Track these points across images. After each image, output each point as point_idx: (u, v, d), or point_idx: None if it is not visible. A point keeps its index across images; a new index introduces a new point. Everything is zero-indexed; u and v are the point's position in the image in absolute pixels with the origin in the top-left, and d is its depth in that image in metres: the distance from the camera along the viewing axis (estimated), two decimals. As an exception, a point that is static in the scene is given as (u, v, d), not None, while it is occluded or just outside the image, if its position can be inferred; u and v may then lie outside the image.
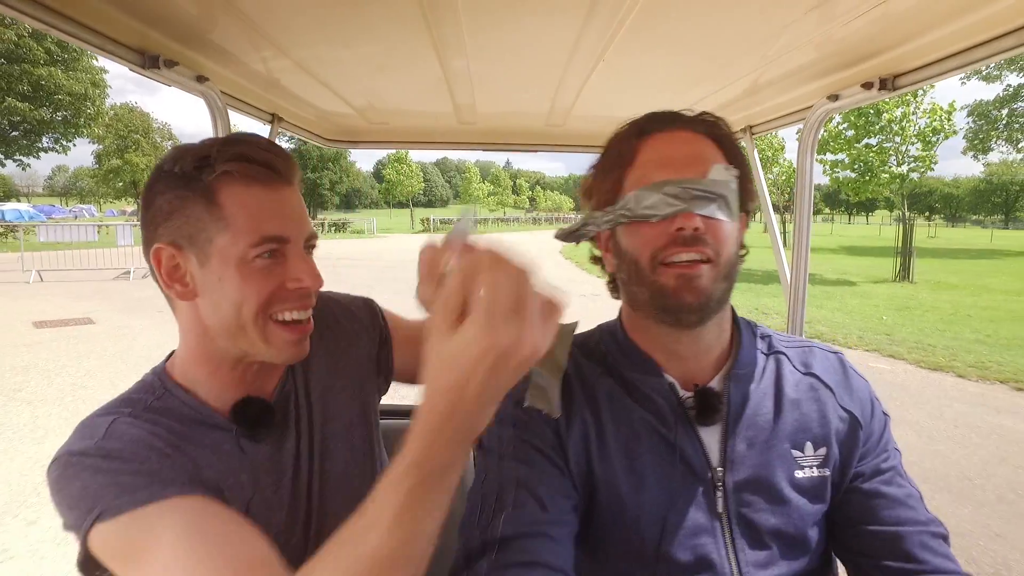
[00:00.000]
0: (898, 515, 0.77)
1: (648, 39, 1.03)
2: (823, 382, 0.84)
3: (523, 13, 0.92)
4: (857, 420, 0.82)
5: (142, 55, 1.01)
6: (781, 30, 0.95)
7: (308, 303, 0.81)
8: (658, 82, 1.34)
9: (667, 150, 0.77)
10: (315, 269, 0.81)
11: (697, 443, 0.78)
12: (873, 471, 0.81)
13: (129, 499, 0.67)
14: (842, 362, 0.89)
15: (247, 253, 0.75)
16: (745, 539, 0.76)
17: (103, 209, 74.08)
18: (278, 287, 0.77)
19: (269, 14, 0.93)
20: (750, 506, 0.77)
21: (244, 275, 0.75)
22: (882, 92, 1.13)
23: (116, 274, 13.19)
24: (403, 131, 1.99)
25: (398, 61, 1.20)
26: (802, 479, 0.79)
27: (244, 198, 0.75)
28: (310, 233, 0.82)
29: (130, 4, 0.87)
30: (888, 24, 0.91)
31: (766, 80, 1.28)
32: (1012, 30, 0.84)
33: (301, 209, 0.81)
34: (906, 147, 15.64)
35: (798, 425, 0.80)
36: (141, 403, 0.80)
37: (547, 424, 0.79)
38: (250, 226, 0.75)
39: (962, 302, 11.40)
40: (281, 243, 0.77)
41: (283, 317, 0.79)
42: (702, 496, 0.77)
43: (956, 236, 50.80)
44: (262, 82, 1.37)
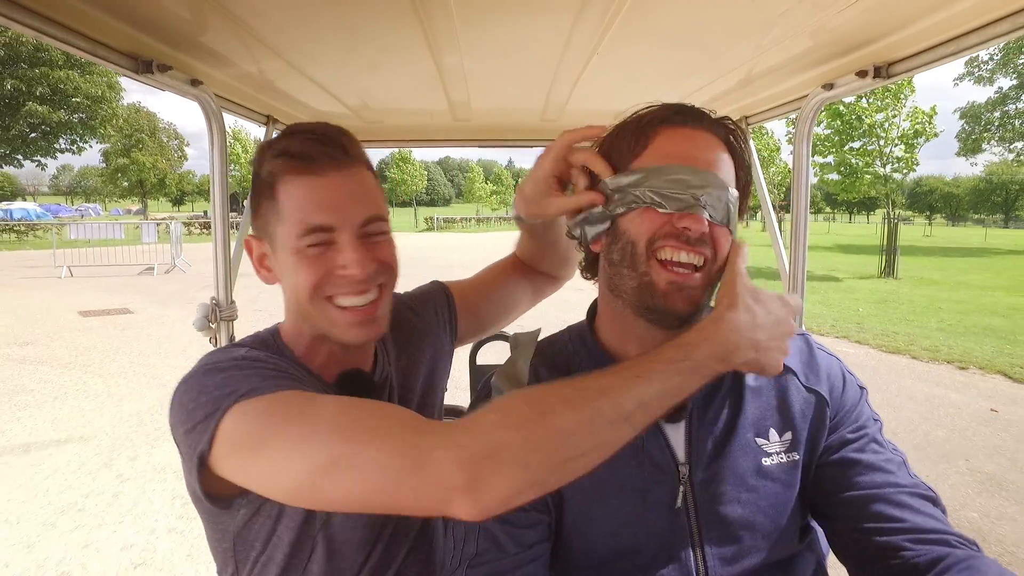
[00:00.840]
0: (872, 479, 0.76)
1: (641, 32, 1.03)
2: (784, 366, 0.81)
3: (516, 8, 0.92)
4: (824, 398, 0.82)
5: (135, 60, 1.02)
6: (775, 19, 0.95)
7: (362, 288, 0.80)
8: (653, 74, 1.34)
9: (688, 146, 0.75)
10: (364, 256, 0.79)
11: (663, 441, 0.78)
12: (841, 442, 0.80)
13: (274, 384, 0.71)
14: (808, 342, 0.89)
15: (297, 243, 0.78)
16: (713, 531, 0.77)
17: (108, 208, 74.85)
18: (326, 274, 0.79)
19: (261, 16, 0.94)
20: (717, 499, 0.77)
21: (296, 262, 0.78)
22: (877, 80, 1.12)
23: (140, 270, 14.00)
24: (398, 129, 1.99)
25: (391, 59, 1.19)
26: (770, 466, 0.78)
27: (292, 189, 0.78)
28: (367, 217, 0.80)
29: (122, 10, 0.87)
30: (882, 12, 0.90)
31: (761, 70, 1.27)
32: (1006, 15, 0.83)
33: (355, 194, 0.80)
34: (889, 149, 16.35)
35: (760, 413, 0.81)
36: (264, 345, 0.87)
37: None
38: (296, 217, 0.77)
39: (938, 296, 12.09)
40: (328, 231, 0.78)
41: (341, 303, 0.80)
42: (669, 494, 0.77)
43: (952, 235, 51.30)
44: (256, 84, 1.37)
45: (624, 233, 0.76)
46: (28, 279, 12.52)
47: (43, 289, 11.11)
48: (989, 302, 11.41)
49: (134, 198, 60.89)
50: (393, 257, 0.85)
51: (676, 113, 0.77)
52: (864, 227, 77.47)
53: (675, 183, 0.72)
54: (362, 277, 0.79)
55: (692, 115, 0.77)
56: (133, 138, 50.70)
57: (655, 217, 0.73)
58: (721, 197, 0.73)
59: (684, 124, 0.76)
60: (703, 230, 0.72)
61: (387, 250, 0.84)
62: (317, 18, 0.95)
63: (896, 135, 16.13)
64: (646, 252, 0.74)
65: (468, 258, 19.59)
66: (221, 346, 1.27)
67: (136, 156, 51.22)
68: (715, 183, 0.73)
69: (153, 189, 57.92)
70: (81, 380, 5.46)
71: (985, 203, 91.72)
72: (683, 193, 0.71)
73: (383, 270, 0.83)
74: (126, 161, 51.55)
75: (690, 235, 0.72)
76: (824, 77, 1.24)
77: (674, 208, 0.72)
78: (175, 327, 8.15)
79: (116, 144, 49.79)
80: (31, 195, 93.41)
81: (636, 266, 0.74)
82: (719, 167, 0.75)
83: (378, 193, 0.85)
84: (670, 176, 0.72)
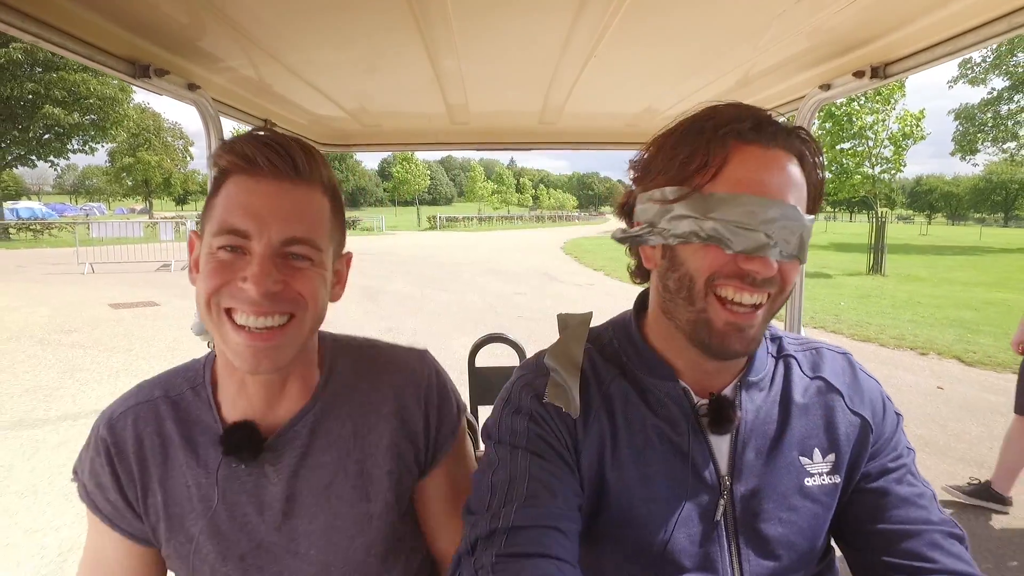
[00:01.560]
0: (907, 514, 0.75)
1: (639, 33, 1.02)
2: (832, 386, 0.81)
3: (513, 11, 0.92)
4: (868, 423, 0.80)
5: (133, 65, 1.01)
6: (772, 20, 0.95)
7: (259, 309, 0.71)
8: (650, 76, 1.33)
9: (761, 171, 0.68)
10: (269, 275, 0.71)
11: (708, 451, 0.77)
12: (880, 470, 0.78)
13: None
14: (851, 363, 0.86)
15: (211, 241, 0.73)
16: (751, 548, 0.75)
17: (112, 207, 75.54)
18: (227, 282, 0.72)
19: (258, 20, 0.93)
20: (758, 515, 0.75)
21: (206, 265, 0.73)
22: (874, 80, 1.12)
23: (157, 266, 14.68)
24: (396, 133, 1.98)
25: (389, 63, 1.19)
26: (812, 487, 0.77)
27: (229, 189, 0.73)
28: (290, 237, 0.72)
29: (119, 14, 0.87)
30: (878, 12, 0.90)
31: (758, 71, 1.26)
32: (1003, 15, 0.83)
33: (284, 209, 0.73)
34: (878, 150, 16.96)
35: (806, 432, 0.78)
36: (183, 374, 0.88)
37: (563, 422, 0.78)
38: (219, 215, 0.73)
39: (919, 292, 12.68)
40: (243, 237, 0.71)
41: (237, 319, 0.73)
42: (709, 504, 0.75)
43: (949, 233, 51.86)
44: (253, 88, 1.36)
45: (682, 264, 0.72)
46: (53, 275, 13.17)
47: (70, 284, 11.76)
48: (967, 297, 11.93)
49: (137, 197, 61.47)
50: (310, 289, 0.75)
51: (751, 128, 0.69)
52: (863, 226, 77.85)
53: (744, 218, 0.66)
54: (258, 295, 0.70)
55: (766, 130, 0.69)
56: (140, 138, 51.31)
57: (719, 255, 0.68)
58: (795, 230, 0.68)
59: (757, 141, 0.69)
60: (770, 274, 0.67)
61: (304, 279, 0.75)
62: (314, 22, 0.95)
63: (885, 137, 16.74)
64: (705, 288, 0.70)
65: (472, 256, 20.25)
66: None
67: (142, 156, 51.86)
68: (789, 215, 0.67)
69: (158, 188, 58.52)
70: (127, 361, 6.12)
71: (985, 202, 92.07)
72: (753, 230, 0.66)
73: (291, 298, 0.74)
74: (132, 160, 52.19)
75: (756, 278, 0.68)
76: (821, 78, 1.25)
77: (741, 248, 0.67)
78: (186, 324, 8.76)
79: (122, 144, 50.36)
80: (35, 194, 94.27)
81: (693, 301, 0.71)
82: (792, 191, 0.69)
83: (320, 218, 0.77)
84: (739, 209, 0.66)
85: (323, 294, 0.79)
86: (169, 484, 0.81)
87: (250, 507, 0.81)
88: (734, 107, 0.72)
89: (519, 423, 0.78)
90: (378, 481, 0.86)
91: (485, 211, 71.18)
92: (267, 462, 0.82)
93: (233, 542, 0.81)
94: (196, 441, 0.82)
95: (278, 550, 0.82)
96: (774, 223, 0.67)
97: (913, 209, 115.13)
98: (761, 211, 0.66)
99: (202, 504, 0.80)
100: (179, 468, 0.81)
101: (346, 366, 0.91)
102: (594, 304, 1.76)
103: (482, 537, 0.70)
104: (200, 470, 0.81)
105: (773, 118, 0.72)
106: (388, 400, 0.89)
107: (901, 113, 16.71)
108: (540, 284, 12.80)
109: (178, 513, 0.81)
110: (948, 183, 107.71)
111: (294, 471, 0.83)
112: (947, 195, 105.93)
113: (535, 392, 0.80)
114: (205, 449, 0.82)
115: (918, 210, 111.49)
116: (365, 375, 0.91)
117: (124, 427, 0.82)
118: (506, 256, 20.40)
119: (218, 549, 0.80)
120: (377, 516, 0.85)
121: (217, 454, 0.81)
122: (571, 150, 2.10)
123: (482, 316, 8.97)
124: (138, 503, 0.81)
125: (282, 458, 0.82)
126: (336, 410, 0.87)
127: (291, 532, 0.82)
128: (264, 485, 0.82)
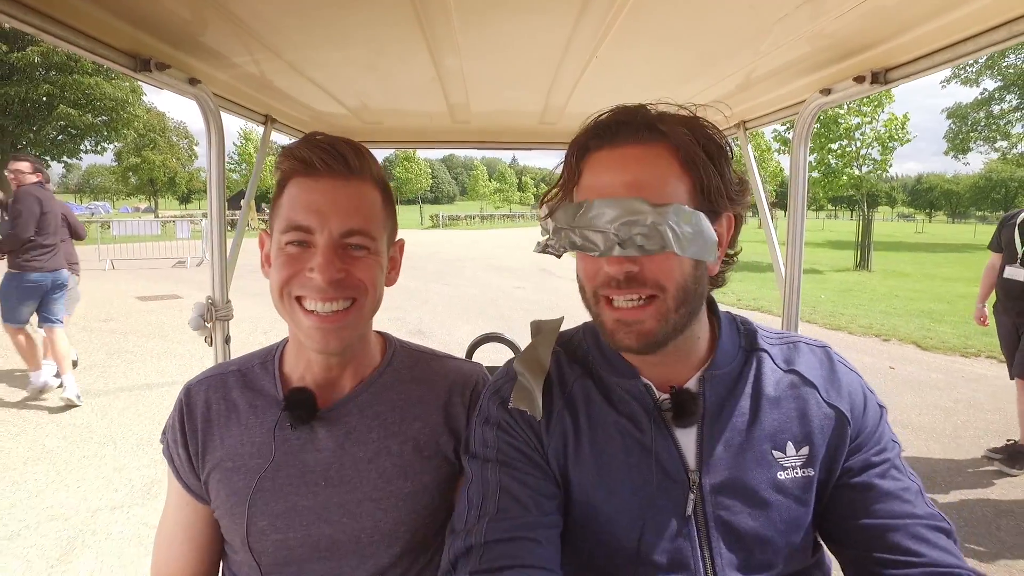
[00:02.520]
0: (891, 508, 0.74)
1: (640, 36, 1.03)
2: (806, 379, 0.81)
3: (516, 11, 0.92)
4: (844, 416, 0.79)
5: (134, 58, 1.02)
6: (773, 25, 0.95)
7: (326, 295, 0.80)
8: (651, 78, 1.34)
9: (605, 175, 0.72)
10: (333, 264, 0.79)
11: (672, 446, 0.77)
12: (863, 465, 0.78)
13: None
14: (828, 356, 0.86)
15: (280, 238, 0.81)
16: (724, 544, 0.74)
17: (117, 206, 76.23)
18: (296, 273, 0.81)
19: (260, 16, 0.94)
20: (728, 509, 0.75)
21: (277, 259, 0.82)
22: (874, 86, 1.12)
23: (173, 263, 15.36)
24: (398, 131, 2.00)
25: (390, 61, 1.20)
26: (785, 480, 0.76)
27: (291, 189, 0.82)
28: (349, 229, 0.81)
29: (121, 8, 0.88)
30: (879, 18, 0.91)
31: (759, 75, 1.27)
32: (1003, 23, 0.83)
33: (341, 204, 0.81)
34: (865, 151, 17.59)
35: (778, 425, 0.78)
36: (259, 357, 0.98)
37: (529, 426, 0.80)
38: (285, 214, 0.81)
39: (900, 286, 13.26)
40: (307, 232, 0.80)
41: (307, 305, 0.82)
42: (678, 499, 0.75)
43: (946, 231, 52.36)
44: (254, 83, 1.36)
45: (579, 275, 0.77)
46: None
47: (94, 279, 12.41)
48: (944, 291, 12.44)
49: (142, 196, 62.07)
50: (369, 276, 0.84)
51: (597, 134, 0.73)
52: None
53: (594, 222, 0.69)
54: (325, 283, 0.79)
55: (609, 131, 0.72)
56: (147, 137, 51.91)
57: (591, 262, 0.74)
58: (644, 222, 0.68)
59: (602, 146, 0.73)
60: (625, 271, 0.70)
61: (363, 267, 0.83)
62: (316, 19, 0.95)
63: (871, 139, 17.38)
64: (594, 298, 0.75)
65: (474, 252, 20.93)
66: (215, 346, 1.45)
67: (147, 155, 52.55)
68: (633, 209, 0.68)
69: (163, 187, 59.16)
70: (164, 345, 6.81)
71: (985, 200, 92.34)
72: (602, 231, 0.69)
73: (353, 285, 0.82)
74: (138, 160, 52.87)
75: (618, 279, 0.70)
76: (822, 82, 1.25)
77: (599, 251, 0.70)
78: (223, 309, 9.45)
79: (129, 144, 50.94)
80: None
81: (590, 307, 0.77)
82: (646, 184, 0.69)
83: (373, 210, 0.85)
84: (590, 213, 0.70)
85: (380, 279, 0.88)
86: (228, 442, 0.90)
87: (295, 470, 0.88)
88: (600, 115, 0.75)
89: (488, 434, 0.82)
90: (418, 464, 0.92)
91: (487, 210, 71.75)
92: (318, 429, 0.90)
93: (272, 501, 0.87)
94: (257, 405, 0.92)
95: (311, 516, 0.88)
96: (618, 221, 0.68)
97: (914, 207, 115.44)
98: (603, 212, 0.69)
99: (254, 461, 0.89)
100: (239, 428, 0.91)
101: (403, 362, 1.00)
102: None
103: (460, 555, 0.72)
104: (257, 429, 0.90)
105: (635, 115, 0.72)
106: (436, 395, 0.98)
107: (888, 117, 17.33)
108: (538, 279, 13.48)
109: (230, 468, 0.89)
110: (948, 181, 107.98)
111: (340, 443, 0.90)
112: (947, 193, 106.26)
113: (501, 399, 0.83)
114: (264, 412, 0.91)
115: (919, 208, 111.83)
116: (419, 372, 1.00)
117: (198, 392, 0.95)
118: (507, 253, 21.04)
119: (259, 506, 0.88)
120: (412, 495, 0.91)
121: (275, 416, 0.90)
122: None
123: (483, 308, 9.63)
124: (197, 458, 0.92)
125: (331, 429, 0.90)
126: (387, 395, 0.95)
127: (327, 499, 0.88)
128: (311, 451, 0.89)
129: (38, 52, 22.58)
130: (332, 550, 0.88)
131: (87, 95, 25.07)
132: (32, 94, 23.51)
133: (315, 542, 0.87)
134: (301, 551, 0.87)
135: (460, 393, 0.99)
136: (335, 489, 0.88)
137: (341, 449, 0.90)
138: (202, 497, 0.93)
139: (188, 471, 0.92)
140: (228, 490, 0.88)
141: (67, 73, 23.95)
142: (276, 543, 0.87)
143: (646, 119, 0.73)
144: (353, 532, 0.88)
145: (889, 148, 17.40)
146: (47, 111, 24.76)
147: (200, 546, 0.95)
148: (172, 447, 0.94)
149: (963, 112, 33.80)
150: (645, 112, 0.74)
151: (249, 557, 0.88)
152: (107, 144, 29.96)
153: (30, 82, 23.49)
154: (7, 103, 23.62)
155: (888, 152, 17.46)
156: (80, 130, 26.68)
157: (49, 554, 2.81)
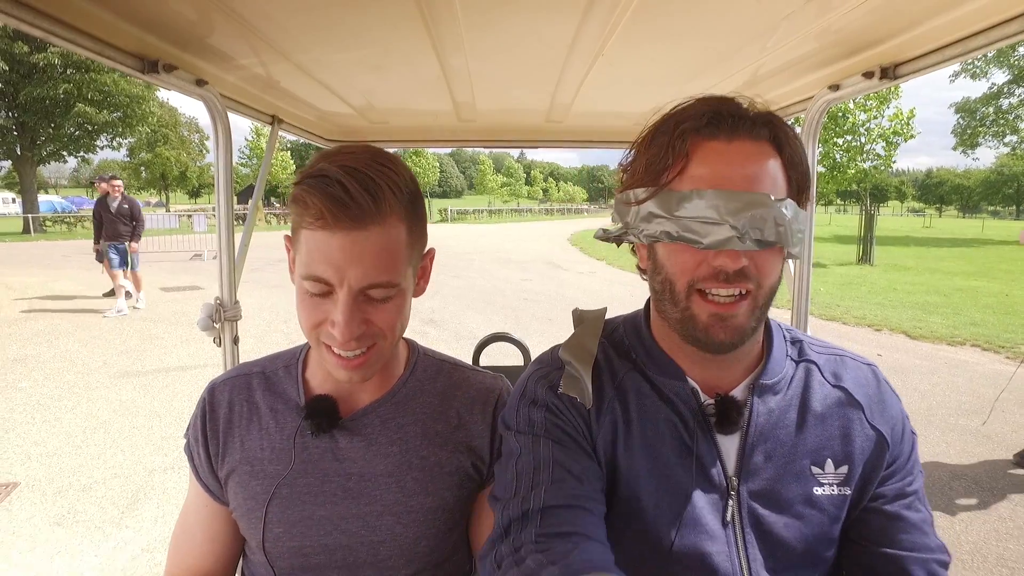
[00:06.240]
0: (913, 540, 0.76)
1: (647, 33, 1.03)
2: (853, 397, 0.81)
3: (521, 10, 0.92)
4: (885, 440, 0.79)
5: (141, 60, 1.03)
6: (780, 20, 0.95)
7: (348, 346, 0.79)
8: (658, 76, 1.34)
9: (724, 167, 0.69)
10: (354, 319, 0.78)
11: (715, 451, 0.77)
12: (897, 494, 0.79)
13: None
14: (876, 375, 0.85)
15: (302, 282, 0.79)
16: (758, 547, 0.75)
17: (129, 201, 76.86)
18: (320, 322, 0.79)
19: (266, 17, 0.94)
20: (764, 520, 0.76)
21: (300, 297, 0.80)
22: (883, 81, 1.11)
23: (190, 256, 15.85)
24: (403, 130, 2.00)
25: (396, 60, 1.20)
26: (821, 496, 0.77)
27: (307, 237, 0.77)
28: (369, 284, 0.77)
29: (128, 10, 0.88)
30: (888, 13, 0.90)
31: (767, 71, 1.26)
32: (1014, 16, 0.82)
33: (362, 257, 0.76)
34: (871, 146, 17.77)
35: (820, 442, 0.78)
36: (284, 359, 0.98)
37: (579, 412, 0.80)
38: (305, 258, 0.78)
39: (900, 279, 13.47)
40: (325, 284, 0.77)
41: (332, 347, 0.81)
42: (717, 502, 0.76)
43: (954, 226, 51.99)
44: (261, 84, 1.38)
45: (663, 267, 0.75)
46: (99, 264, 14.35)
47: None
48: (942, 285, 12.63)
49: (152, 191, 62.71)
50: (390, 322, 0.82)
51: (708, 124, 0.71)
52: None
53: (708, 213, 0.68)
54: (345, 339, 0.78)
55: (725, 123, 0.71)
56: (159, 133, 52.49)
57: (691, 255, 0.71)
58: (766, 216, 0.67)
59: (716, 136, 0.71)
60: (741, 266, 0.68)
61: (385, 314, 0.81)
62: (323, 19, 0.96)
63: (877, 134, 17.54)
64: (686, 290, 0.72)
65: (482, 246, 21.31)
66: (223, 346, 1.46)
67: (160, 151, 53.16)
68: (757, 203, 0.67)
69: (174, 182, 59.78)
70: (192, 332, 7.25)
71: (996, 195, 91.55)
72: (718, 224, 0.68)
73: (373, 333, 0.81)
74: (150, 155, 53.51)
75: (728, 272, 0.69)
76: (830, 78, 1.25)
77: (709, 243, 0.68)
78: (243, 301, 9.88)
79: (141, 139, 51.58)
80: (52, 188, 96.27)
81: (677, 301, 0.74)
82: (762, 179, 0.69)
83: (396, 253, 0.79)
84: (703, 204, 0.68)
85: (405, 313, 0.85)
86: (248, 445, 0.90)
87: (313, 478, 0.88)
88: (700, 102, 0.73)
89: (536, 414, 0.80)
90: (440, 480, 0.91)
91: (495, 204, 72.02)
92: (338, 438, 0.89)
93: (289, 508, 0.87)
94: (278, 410, 0.92)
95: (328, 526, 0.88)
96: (740, 214, 0.67)
97: (924, 202, 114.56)
98: (724, 204, 0.67)
99: (273, 467, 0.89)
100: (260, 431, 0.91)
101: (427, 373, 0.99)
102: (592, 288, 1.77)
103: (515, 519, 0.71)
104: (277, 435, 0.90)
105: (741, 108, 0.72)
106: (458, 410, 0.96)
107: (894, 112, 17.46)
108: (545, 271, 13.83)
109: (248, 472, 0.89)
110: (959, 176, 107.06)
111: (361, 454, 0.89)
112: (958, 188, 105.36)
113: (550, 384, 0.82)
114: (285, 417, 0.91)
115: (929, 203, 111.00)
116: (442, 384, 0.99)
117: (221, 392, 0.94)
118: (514, 246, 21.44)
119: (275, 512, 0.87)
120: (432, 512, 0.90)
121: (296, 422, 0.90)
122: (579, 149, 2.09)
123: (491, 298, 10.01)
124: (216, 458, 0.91)
125: (352, 439, 0.90)
126: (409, 406, 0.94)
127: (346, 511, 0.88)
128: (331, 461, 0.89)
129: (58, 54, 23.15)
130: (349, 561, 0.89)
131: (103, 92, 25.63)
132: (52, 92, 24.13)
133: (331, 552, 0.88)
134: (317, 559, 0.88)
135: (482, 410, 0.98)
136: (354, 501, 0.88)
137: (362, 460, 0.90)
138: (220, 498, 0.93)
139: (207, 471, 0.93)
140: (245, 493, 0.89)
141: (84, 71, 24.55)
142: (291, 550, 0.88)
143: (760, 114, 0.73)
144: (371, 544, 0.88)
145: (893, 144, 17.54)
146: (65, 109, 25.37)
147: (217, 545, 0.96)
148: (193, 446, 0.94)
149: (971, 107, 33.70)
150: (754, 106, 0.74)
151: (265, 561, 0.89)
152: (122, 140, 30.52)
153: (50, 81, 24.10)
154: (29, 101, 24.24)
155: (892, 148, 17.60)
156: (96, 127, 27.26)
157: (119, 502, 3.25)
